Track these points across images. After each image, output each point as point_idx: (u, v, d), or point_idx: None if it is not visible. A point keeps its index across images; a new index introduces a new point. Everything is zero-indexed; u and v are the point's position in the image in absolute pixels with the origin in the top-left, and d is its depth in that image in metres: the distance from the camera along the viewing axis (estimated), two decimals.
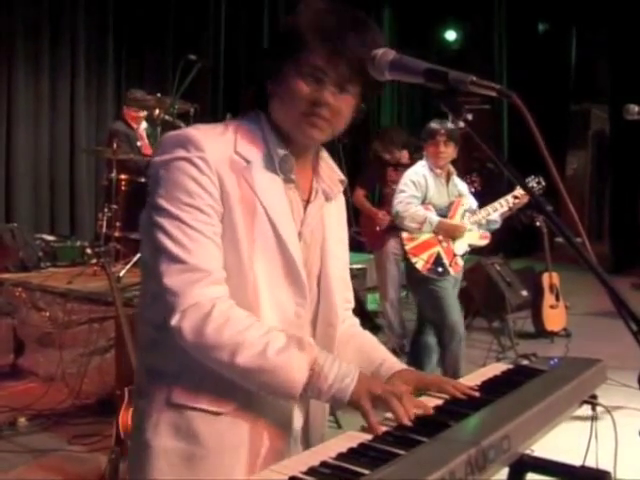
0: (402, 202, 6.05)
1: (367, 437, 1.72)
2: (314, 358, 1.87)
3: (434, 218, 6.05)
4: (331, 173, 2.20)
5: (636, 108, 3.51)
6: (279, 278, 1.98)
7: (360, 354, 2.22)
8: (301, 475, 1.52)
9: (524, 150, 6.04)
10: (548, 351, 7.92)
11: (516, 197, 6.11)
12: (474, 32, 17.09)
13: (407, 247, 6.09)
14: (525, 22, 16.15)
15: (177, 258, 1.86)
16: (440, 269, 6.04)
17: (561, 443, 2.75)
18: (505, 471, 1.91)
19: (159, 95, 8.07)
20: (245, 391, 1.91)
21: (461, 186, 6.53)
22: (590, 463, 2.06)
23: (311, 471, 1.54)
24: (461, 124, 1.85)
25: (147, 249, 1.96)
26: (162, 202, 1.90)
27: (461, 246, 6.22)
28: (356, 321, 2.36)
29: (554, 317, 8.85)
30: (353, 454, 1.62)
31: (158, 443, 1.96)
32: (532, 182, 6.44)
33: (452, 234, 6.15)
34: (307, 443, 2.10)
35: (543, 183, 6.38)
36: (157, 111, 7.87)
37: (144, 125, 8.94)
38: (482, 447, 1.60)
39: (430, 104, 16.08)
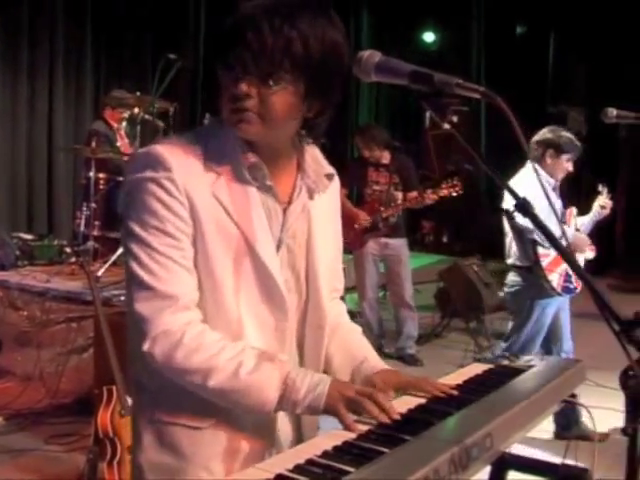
0: (540, 214, 5.62)
1: (352, 435, 1.74)
2: (286, 372, 1.88)
3: (569, 232, 5.68)
4: (318, 168, 2.15)
5: (614, 111, 3.53)
6: (257, 295, 1.97)
7: (343, 350, 2.24)
8: (287, 473, 1.53)
9: (502, 151, 6.05)
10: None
11: (603, 207, 5.90)
12: (452, 34, 17.15)
13: (544, 263, 5.51)
14: (503, 25, 16.21)
15: (146, 285, 1.86)
16: (571, 286, 5.62)
17: None
18: (487, 470, 1.93)
19: (138, 94, 8.05)
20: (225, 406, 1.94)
21: None
22: (569, 460, 2.09)
23: (297, 469, 1.55)
24: (446, 126, 1.84)
25: (125, 270, 1.97)
26: (132, 225, 1.90)
27: (581, 261, 5.82)
28: (343, 310, 2.37)
29: None
30: (338, 452, 1.64)
31: (144, 459, 2.00)
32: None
33: (581, 248, 5.78)
34: (299, 432, 2.12)
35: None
36: (137, 110, 7.85)
37: (124, 124, 8.91)
38: (465, 445, 1.62)
39: (408, 104, 16.14)
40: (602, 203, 5.86)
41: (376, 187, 7.76)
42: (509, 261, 5.72)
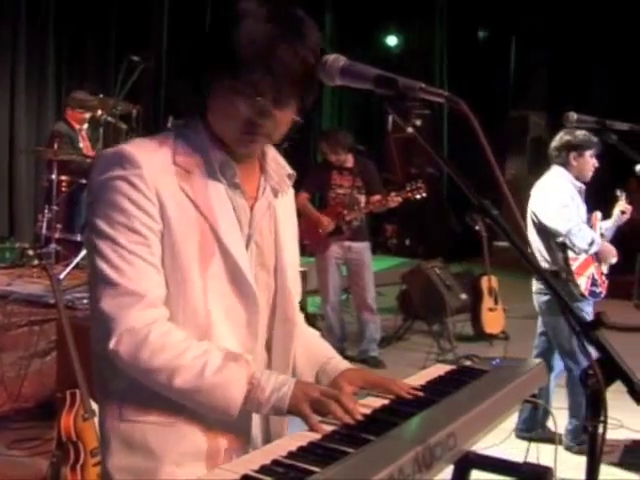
0: (572, 219, 5.41)
1: (317, 436, 1.75)
2: (251, 372, 1.89)
3: (598, 239, 5.56)
4: (279, 169, 2.18)
5: (575, 116, 3.56)
6: (228, 291, 1.98)
7: (306, 352, 2.26)
8: (253, 474, 1.54)
9: (463, 154, 6.07)
10: (487, 353, 8.00)
11: (623, 212, 5.82)
12: (415, 38, 17.24)
13: (573, 267, 5.46)
14: (465, 29, 16.33)
15: (111, 282, 1.86)
16: (597, 290, 5.57)
17: None
18: (450, 469, 1.95)
19: (101, 96, 8.02)
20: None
21: None
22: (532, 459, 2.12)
23: (263, 469, 1.56)
24: (410, 129, 1.85)
25: (89, 269, 1.96)
26: (98, 223, 1.89)
27: (605, 266, 5.77)
28: (302, 316, 2.37)
29: (493, 320, 8.96)
30: (304, 452, 1.65)
31: (113, 463, 1.97)
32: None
33: (606, 257, 5.70)
34: (267, 433, 2.12)
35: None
36: (99, 112, 7.83)
37: (86, 126, 8.87)
38: (429, 445, 1.64)
39: (370, 107, 16.20)
40: (622, 208, 5.81)
41: (339, 191, 7.76)
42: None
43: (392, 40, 17.42)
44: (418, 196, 7.51)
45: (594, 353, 1.53)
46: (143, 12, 12.65)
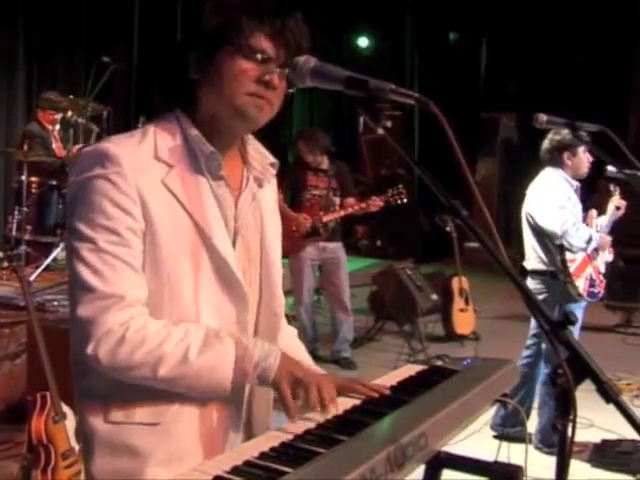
0: (569, 220, 5.40)
1: (289, 437, 1.76)
2: (236, 340, 1.90)
3: (595, 235, 5.58)
4: (261, 158, 2.17)
5: (544, 117, 3.58)
6: (217, 289, 1.96)
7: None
8: (225, 474, 1.55)
9: (434, 155, 6.10)
10: (458, 354, 7.97)
11: (618, 208, 5.77)
12: (386, 40, 17.28)
13: (571, 269, 5.44)
14: (436, 31, 16.39)
15: (89, 286, 1.83)
16: (595, 290, 5.57)
17: None
18: (422, 469, 1.96)
19: (72, 97, 7.98)
20: (182, 398, 1.92)
21: None
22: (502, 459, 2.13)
23: (235, 470, 1.57)
24: (380, 131, 1.86)
25: (69, 272, 1.92)
26: (78, 224, 1.86)
27: (601, 264, 5.75)
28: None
29: (463, 320, 8.99)
30: (276, 453, 1.66)
31: (98, 468, 1.94)
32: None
33: (604, 247, 5.70)
34: (249, 433, 2.10)
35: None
36: (70, 113, 7.79)
37: (58, 127, 8.82)
38: (401, 444, 1.65)
39: (341, 108, 16.21)
40: (617, 204, 5.78)
41: (315, 192, 7.75)
42: (529, 266, 5.61)
43: (363, 41, 17.45)
44: (399, 201, 7.54)
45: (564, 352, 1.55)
46: (113, 13, 12.59)
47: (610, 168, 4.98)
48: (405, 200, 7.58)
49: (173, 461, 1.91)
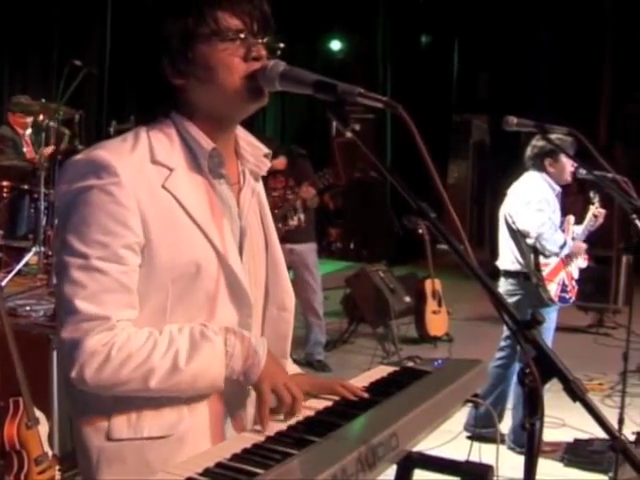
0: (545, 224, 5.41)
1: (260, 438, 1.77)
2: (225, 337, 1.86)
3: (569, 242, 5.60)
4: (254, 150, 2.11)
5: (514, 120, 3.62)
6: (221, 295, 1.91)
7: None
8: (196, 476, 1.55)
9: (407, 158, 6.11)
10: (431, 355, 7.99)
11: (595, 216, 5.76)
12: (358, 43, 17.32)
13: (544, 273, 5.47)
14: (408, 34, 16.44)
15: (74, 308, 1.75)
16: (567, 296, 5.58)
17: None
18: (393, 469, 1.98)
19: (44, 101, 7.94)
20: (189, 404, 1.88)
21: None
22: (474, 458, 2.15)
23: (207, 472, 1.57)
24: (349, 134, 1.88)
25: (57, 288, 1.86)
26: (70, 238, 1.78)
27: (575, 270, 5.76)
28: None
29: (436, 322, 9.02)
30: (247, 454, 1.67)
31: (106, 477, 1.85)
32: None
33: (577, 255, 5.71)
34: None
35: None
36: (42, 117, 7.75)
37: (29, 131, 8.78)
38: (372, 445, 1.66)
39: (315, 112, 16.23)
40: (595, 212, 5.76)
41: (274, 194, 7.72)
42: (502, 267, 5.63)
43: (336, 45, 17.49)
44: (326, 182, 7.52)
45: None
46: (86, 16, 12.55)
47: (580, 170, 5.04)
48: (331, 180, 7.55)
49: None
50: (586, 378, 7.13)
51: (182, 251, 1.84)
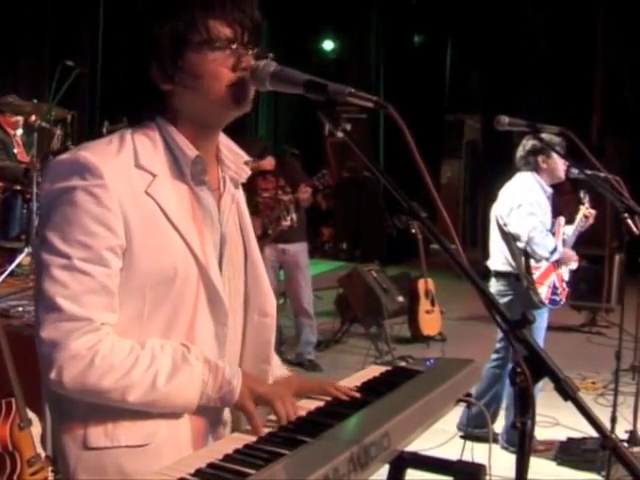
0: (537, 228, 5.41)
1: (252, 439, 1.77)
2: (201, 374, 1.85)
3: (560, 248, 5.59)
4: (235, 157, 2.11)
5: (506, 119, 3.62)
6: (199, 303, 1.90)
7: None
8: (188, 477, 1.55)
9: (400, 158, 6.11)
10: (424, 355, 7.95)
11: (586, 217, 5.76)
12: (351, 42, 17.33)
13: (535, 276, 5.47)
14: (401, 34, 16.45)
15: (56, 306, 1.73)
16: (557, 298, 5.59)
17: None
18: (385, 469, 1.98)
19: (35, 101, 7.91)
20: (166, 415, 1.86)
21: None
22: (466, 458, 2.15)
23: (199, 473, 1.57)
24: (340, 134, 1.88)
25: (36, 286, 1.84)
26: (51, 236, 1.76)
27: (566, 272, 5.76)
28: None
29: (430, 322, 9.02)
30: (239, 455, 1.67)
31: None
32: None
33: (568, 263, 5.74)
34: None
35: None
36: (33, 117, 7.72)
37: (20, 132, 8.75)
38: (364, 444, 1.66)
39: (307, 112, 16.22)
40: (586, 213, 5.76)
41: (265, 194, 7.73)
42: (493, 267, 5.63)
43: (328, 45, 17.50)
44: (325, 184, 7.54)
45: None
46: (77, 16, 12.53)
47: (572, 169, 5.03)
48: (330, 182, 7.58)
49: None
50: (579, 377, 7.15)
51: (161, 257, 1.83)
